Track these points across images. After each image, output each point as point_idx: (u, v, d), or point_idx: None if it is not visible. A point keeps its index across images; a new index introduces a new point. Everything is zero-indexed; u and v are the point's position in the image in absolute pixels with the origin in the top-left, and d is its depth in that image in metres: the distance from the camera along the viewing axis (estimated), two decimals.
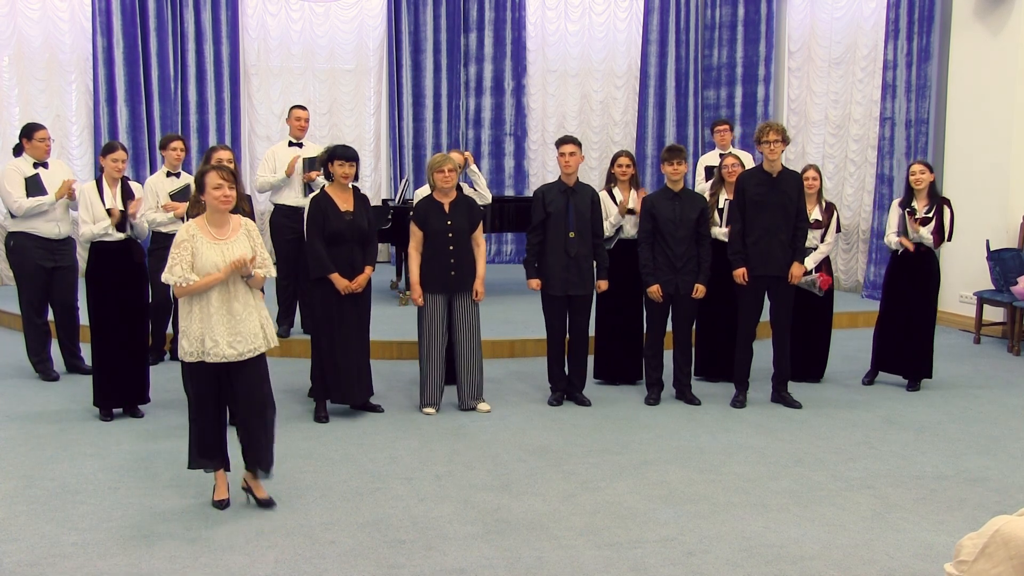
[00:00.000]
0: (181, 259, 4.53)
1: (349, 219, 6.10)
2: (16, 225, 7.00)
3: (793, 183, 6.52)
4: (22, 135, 7.06)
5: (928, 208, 6.91)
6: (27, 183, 6.90)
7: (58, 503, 4.74)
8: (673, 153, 6.60)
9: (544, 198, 6.55)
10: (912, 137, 9.81)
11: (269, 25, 12.10)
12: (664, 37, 12.64)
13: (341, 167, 6.09)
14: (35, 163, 7.00)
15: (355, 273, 6.13)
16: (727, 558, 4.18)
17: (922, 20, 9.72)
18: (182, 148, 7.29)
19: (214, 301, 4.56)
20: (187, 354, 4.58)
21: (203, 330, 4.56)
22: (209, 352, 4.55)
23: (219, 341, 4.55)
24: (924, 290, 7.00)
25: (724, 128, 8.89)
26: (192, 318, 4.57)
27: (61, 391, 6.83)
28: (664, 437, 5.93)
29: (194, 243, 4.57)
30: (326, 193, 6.17)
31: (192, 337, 4.56)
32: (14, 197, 6.88)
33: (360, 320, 6.24)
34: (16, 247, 7.01)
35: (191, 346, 4.56)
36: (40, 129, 7.07)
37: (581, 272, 6.51)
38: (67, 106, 11.32)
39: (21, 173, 6.94)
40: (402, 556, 4.17)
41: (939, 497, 4.94)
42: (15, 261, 7.07)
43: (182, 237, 4.58)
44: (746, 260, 6.49)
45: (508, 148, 12.77)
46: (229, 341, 4.57)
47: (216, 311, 4.56)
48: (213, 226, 4.64)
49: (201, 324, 4.56)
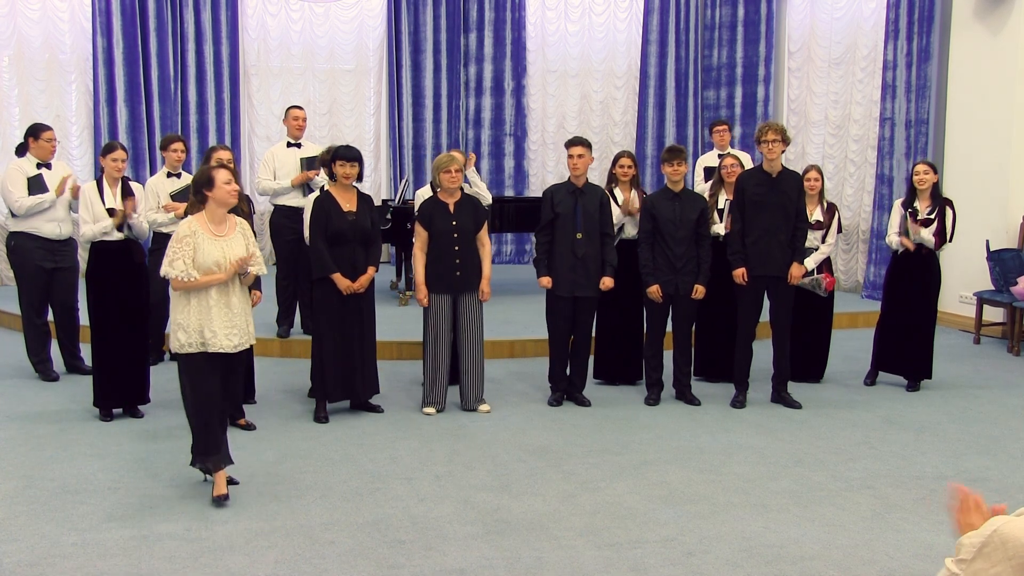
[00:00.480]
0: (184, 254, 4.62)
1: (352, 219, 6.10)
2: (17, 225, 7.00)
3: (793, 183, 6.52)
4: (28, 134, 7.06)
5: (930, 209, 6.90)
6: (29, 183, 6.91)
7: (58, 503, 4.74)
8: (673, 153, 6.61)
9: (553, 198, 6.55)
10: (912, 137, 9.81)
11: (269, 25, 12.10)
12: (664, 37, 12.64)
13: (343, 167, 6.09)
14: (38, 164, 7.00)
15: (357, 273, 6.13)
16: (727, 558, 4.18)
17: (922, 20, 9.72)
18: (183, 149, 7.29)
19: (213, 294, 4.68)
20: (185, 346, 4.66)
21: (201, 322, 4.66)
22: (209, 343, 4.66)
23: (217, 332, 4.68)
24: (925, 291, 7.00)
25: (723, 128, 8.89)
26: (190, 311, 4.66)
27: (61, 391, 6.83)
28: (664, 437, 5.93)
29: (196, 239, 4.66)
30: (329, 193, 6.17)
31: (191, 329, 4.65)
32: (15, 196, 6.88)
33: (364, 319, 6.23)
34: (17, 247, 7.01)
35: (189, 338, 4.65)
36: (47, 130, 7.08)
37: (588, 273, 6.51)
38: (67, 106, 11.32)
39: (24, 173, 6.95)
40: (402, 556, 4.17)
41: (939, 497, 4.94)
42: (16, 261, 7.07)
43: (184, 232, 4.65)
44: (746, 260, 6.49)
45: (508, 148, 12.77)
46: (226, 333, 4.71)
47: (215, 304, 4.68)
48: (213, 223, 4.75)
49: (199, 317, 4.66)
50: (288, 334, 7.96)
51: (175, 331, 4.70)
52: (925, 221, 6.88)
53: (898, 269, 7.07)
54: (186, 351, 4.67)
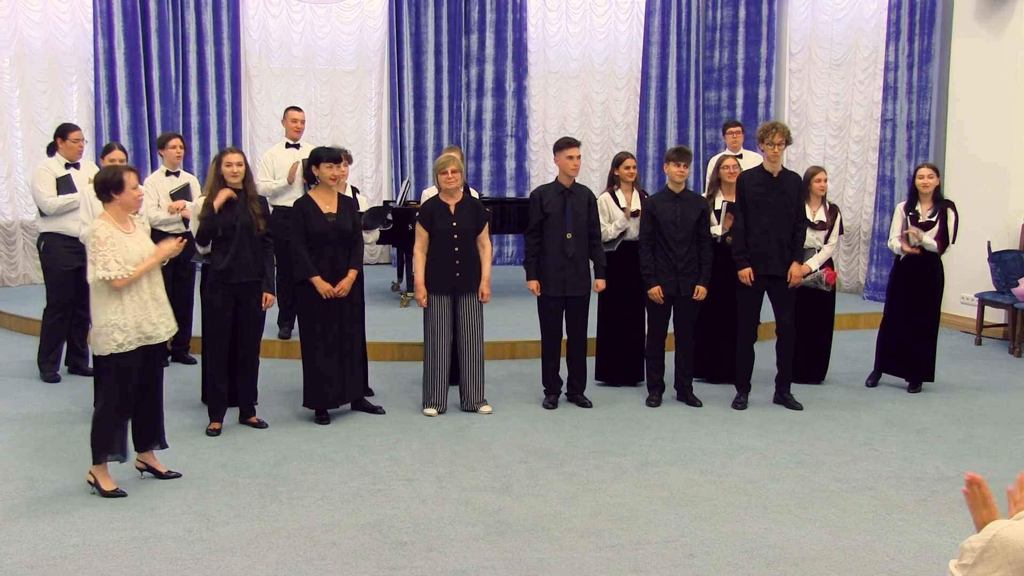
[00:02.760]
0: (114, 253, 4.70)
1: (332, 221, 6.07)
2: (47, 225, 7.04)
3: (793, 183, 6.51)
4: (56, 135, 7.12)
5: (932, 212, 6.89)
6: (58, 183, 6.95)
7: (59, 505, 4.74)
8: (681, 155, 6.59)
9: (542, 199, 6.54)
10: (913, 139, 9.81)
11: (270, 26, 12.10)
12: (665, 39, 12.64)
13: (329, 168, 6.07)
14: (67, 164, 7.04)
15: (338, 276, 6.10)
16: (728, 559, 4.17)
17: (923, 21, 9.71)
18: (181, 146, 7.29)
19: (145, 288, 4.82)
20: (123, 345, 4.73)
21: (139, 318, 4.77)
22: (151, 336, 4.82)
23: (156, 323, 4.84)
24: (928, 294, 6.99)
25: (736, 130, 8.86)
26: (124, 310, 4.74)
27: (62, 393, 6.83)
28: (665, 439, 5.93)
29: (116, 239, 4.75)
30: (308, 195, 6.18)
31: (128, 328, 4.74)
32: (45, 196, 6.93)
33: (349, 321, 6.20)
34: (48, 247, 7.05)
35: (128, 336, 4.74)
36: (75, 130, 7.12)
37: (578, 273, 6.50)
38: (68, 108, 11.31)
39: (53, 173, 7.00)
40: (403, 557, 4.17)
41: (940, 499, 4.94)
42: (47, 261, 7.09)
43: (105, 234, 4.73)
44: (751, 260, 6.48)
45: (509, 149, 12.76)
46: (163, 322, 4.89)
47: (149, 297, 4.83)
48: (121, 222, 4.86)
49: (136, 313, 4.77)
50: (289, 335, 7.97)
51: (109, 333, 4.72)
52: (926, 224, 6.87)
53: (902, 272, 7.05)
54: (124, 350, 4.73)
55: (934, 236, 6.84)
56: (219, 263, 5.88)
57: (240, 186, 5.89)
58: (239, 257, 5.87)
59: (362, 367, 6.52)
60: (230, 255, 5.85)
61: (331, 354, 6.11)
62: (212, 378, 6.00)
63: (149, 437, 5.09)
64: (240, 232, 5.85)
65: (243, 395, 6.12)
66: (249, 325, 6.04)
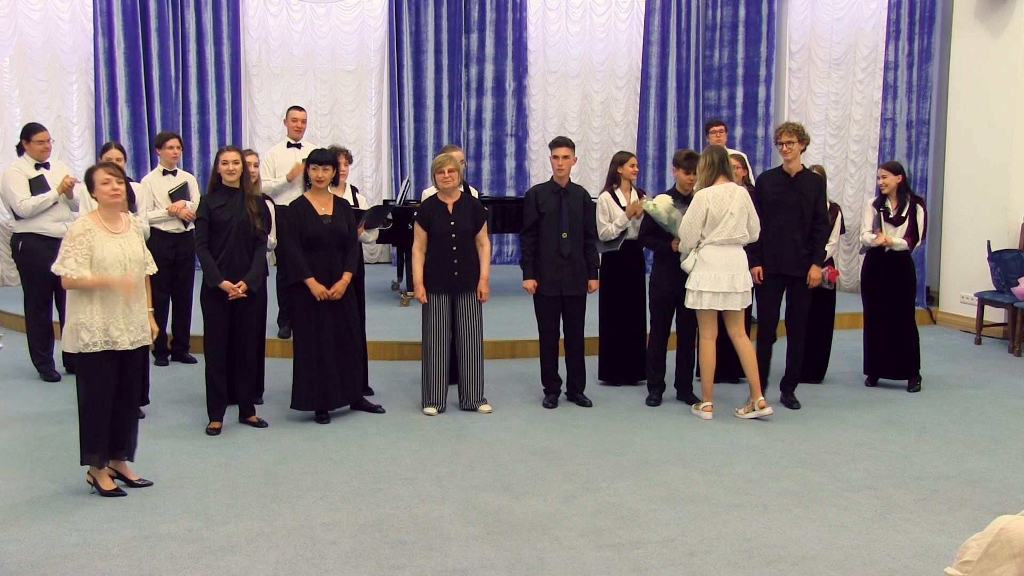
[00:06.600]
0: (76, 252, 4.67)
1: (327, 223, 6.07)
2: (24, 227, 7.01)
3: (812, 184, 6.51)
4: (22, 136, 7.07)
5: (900, 208, 6.94)
6: (32, 184, 6.92)
7: (59, 504, 4.74)
8: (693, 161, 6.56)
9: (537, 199, 6.54)
10: (913, 138, 9.81)
11: (270, 26, 12.11)
12: (665, 38, 12.63)
13: (315, 171, 6.09)
14: (36, 164, 7.00)
15: (333, 278, 6.09)
16: (728, 559, 4.18)
17: (923, 21, 9.71)
18: (178, 146, 7.29)
19: (120, 294, 4.74)
20: (88, 345, 4.71)
21: (107, 320, 4.72)
22: (116, 341, 4.74)
23: (123, 330, 4.76)
24: (901, 289, 7.04)
25: (719, 129, 8.89)
26: (93, 310, 4.71)
27: (62, 392, 6.83)
28: (665, 438, 5.93)
29: (91, 237, 4.70)
30: (304, 197, 6.18)
31: (95, 328, 4.70)
32: (19, 197, 6.89)
33: (346, 322, 6.19)
34: (25, 248, 7.02)
35: (93, 337, 4.71)
36: (39, 131, 7.06)
37: (575, 272, 6.51)
38: (68, 107, 11.33)
39: (24, 174, 6.95)
40: (403, 557, 4.17)
41: (940, 498, 4.94)
42: (23, 262, 7.08)
43: (77, 231, 4.70)
44: (762, 260, 6.49)
45: (509, 149, 12.76)
46: (129, 330, 4.79)
47: (122, 304, 4.75)
48: (107, 220, 4.80)
49: (104, 315, 4.71)
50: (289, 334, 7.95)
51: (76, 331, 4.72)
52: (896, 219, 6.93)
53: (875, 274, 7.09)
54: (89, 350, 4.71)
55: (903, 235, 6.88)
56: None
57: (237, 184, 5.89)
58: (233, 257, 5.87)
59: (362, 367, 6.52)
60: (224, 255, 5.85)
61: (325, 356, 6.10)
62: (211, 377, 6.00)
63: (119, 445, 4.96)
64: (235, 231, 5.85)
65: (242, 395, 6.11)
66: (246, 325, 6.03)
